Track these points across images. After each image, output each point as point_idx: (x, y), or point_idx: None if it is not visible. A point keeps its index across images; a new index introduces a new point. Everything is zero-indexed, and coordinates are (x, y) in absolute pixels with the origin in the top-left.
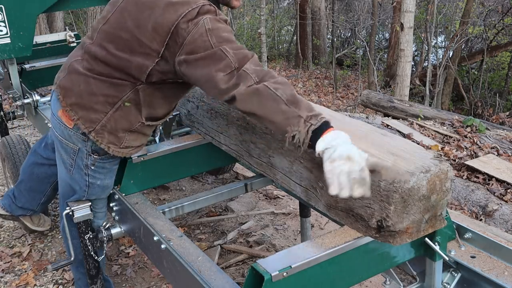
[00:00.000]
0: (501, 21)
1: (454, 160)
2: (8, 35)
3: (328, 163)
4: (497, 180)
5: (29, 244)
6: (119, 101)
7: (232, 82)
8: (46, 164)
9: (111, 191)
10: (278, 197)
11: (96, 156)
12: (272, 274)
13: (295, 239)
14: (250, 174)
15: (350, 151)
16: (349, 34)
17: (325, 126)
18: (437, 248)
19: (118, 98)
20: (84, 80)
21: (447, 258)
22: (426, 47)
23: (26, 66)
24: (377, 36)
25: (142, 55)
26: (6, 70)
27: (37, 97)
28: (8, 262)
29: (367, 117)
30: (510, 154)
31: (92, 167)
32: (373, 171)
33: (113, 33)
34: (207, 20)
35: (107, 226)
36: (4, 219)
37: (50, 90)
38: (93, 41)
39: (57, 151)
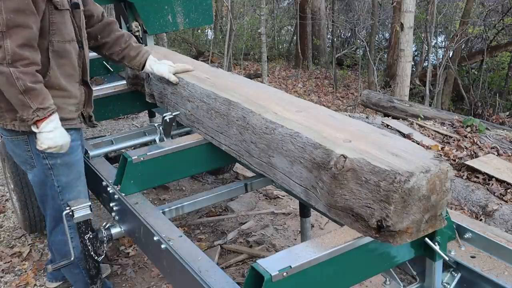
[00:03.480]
0: (501, 21)
1: (454, 160)
2: None
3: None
4: (497, 180)
5: (29, 244)
6: None
7: None
8: None
9: (111, 191)
10: (278, 197)
11: None
12: (272, 274)
13: (295, 239)
14: (250, 174)
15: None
16: (349, 34)
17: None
18: (437, 248)
19: None
20: None
21: (447, 258)
22: (426, 47)
23: None
24: (377, 36)
25: None
26: None
27: None
28: (8, 262)
29: (367, 117)
30: (510, 154)
31: None
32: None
33: None
34: None
35: (107, 226)
36: None
37: None
38: None
39: (17, 156)
